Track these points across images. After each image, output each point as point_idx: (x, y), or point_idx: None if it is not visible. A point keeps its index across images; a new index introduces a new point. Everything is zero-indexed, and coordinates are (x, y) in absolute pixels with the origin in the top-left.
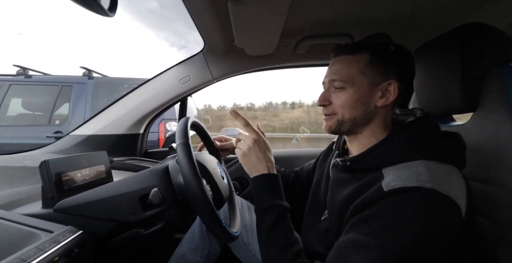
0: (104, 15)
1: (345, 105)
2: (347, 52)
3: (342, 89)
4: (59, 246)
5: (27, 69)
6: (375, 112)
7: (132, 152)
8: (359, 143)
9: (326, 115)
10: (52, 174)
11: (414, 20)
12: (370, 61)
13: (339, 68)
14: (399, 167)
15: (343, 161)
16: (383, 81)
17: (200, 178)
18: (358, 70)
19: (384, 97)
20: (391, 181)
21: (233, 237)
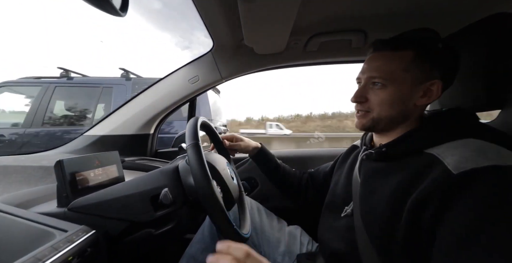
0: (116, 15)
1: (384, 103)
2: (390, 48)
3: (382, 87)
4: (73, 246)
5: (69, 71)
6: (412, 111)
7: (143, 152)
8: (388, 139)
9: (359, 112)
10: (67, 174)
11: (434, 12)
12: (414, 59)
13: (379, 65)
14: (451, 146)
15: (378, 148)
16: (427, 80)
17: (210, 180)
18: (401, 68)
19: (425, 96)
20: (457, 163)
21: (244, 238)
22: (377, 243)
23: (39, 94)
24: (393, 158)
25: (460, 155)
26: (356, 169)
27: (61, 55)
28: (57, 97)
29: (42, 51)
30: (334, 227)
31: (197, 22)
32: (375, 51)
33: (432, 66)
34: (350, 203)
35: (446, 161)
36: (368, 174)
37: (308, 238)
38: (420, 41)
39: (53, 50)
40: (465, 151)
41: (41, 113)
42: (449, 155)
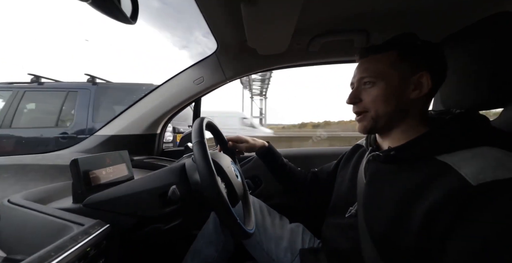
0: (127, 22)
1: (378, 99)
2: (374, 52)
3: (373, 85)
4: (90, 238)
5: (40, 77)
6: (409, 105)
7: (150, 151)
8: (392, 139)
9: (358, 115)
10: (81, 172)
11: (436, 11)
12: (398, 57)
13: (367, 66)
14: (467, 155)
15: (386, 151)
16: (415, 73)
17: (215, 175)
18: (388, 65)
19: (417, 89)
20: (476, 174)
21: (248, 234)
22: (379, 245)
23: (9, 98)
24: (402, 161)
25: (478, 166)
26: (361, 170)
27: (40, 57)
28: (25, 101)
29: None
30: (338, 226)
31: (195, 22)
32: (362, 57)
33: (416, 61)
34: (354, 204)
35: (462, 171)
36: (374, 175)
37: (310, 235)
38: (401, 42)
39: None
40: (483, 161)
41: (10, 116)
42: (466, 165)
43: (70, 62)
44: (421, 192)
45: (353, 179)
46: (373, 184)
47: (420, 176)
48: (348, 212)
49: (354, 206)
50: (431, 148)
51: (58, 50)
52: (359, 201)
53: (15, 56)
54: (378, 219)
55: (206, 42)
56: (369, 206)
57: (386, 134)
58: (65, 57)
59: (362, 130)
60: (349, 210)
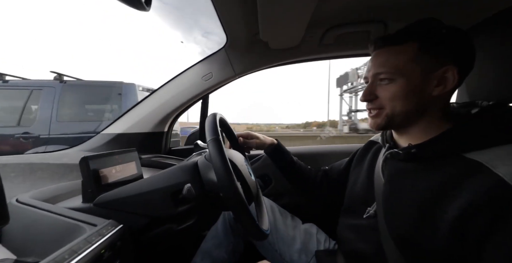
0: (141, 9)
1: (396, 97)
2: (392, 43)
3: (390, 81)
4: (104, 239)
5: (4, 74)
6: (430, 103)
7: (158, 150)
8: (411, 136)
9: (371, 111)
10: (91, 170)
11: (458, 1)
12: (419, 49)
13: (384, 60)
14: (502, 153)
15: (406, 149)
16: (439, 67)
17: (233, 175)
18: (408, 59)
19: (441, 85)
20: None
21: (265, 235)
22: (403, 248)
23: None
24: (424, 159)
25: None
26: (378, 168)
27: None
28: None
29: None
30: (355, 227)
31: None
32: (377, 48)
33: (441, 53)
34: (373, 204)
35: (499, 171)
36: (394, 174)
37: (324, 236)
38: (423, 31)
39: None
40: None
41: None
42: (502, 164)
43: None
44: (449, 192)
45: (370, 177)
46: (392, 183)
47: (446, 175)
48: (366, 213)
49: (372, 206)
50: (458, 145)
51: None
52: (378, 201)
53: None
54: (401, 221)
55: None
56: (389, 207)
57: (403, 131)
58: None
59: (375, 126)
60: (367, 210)
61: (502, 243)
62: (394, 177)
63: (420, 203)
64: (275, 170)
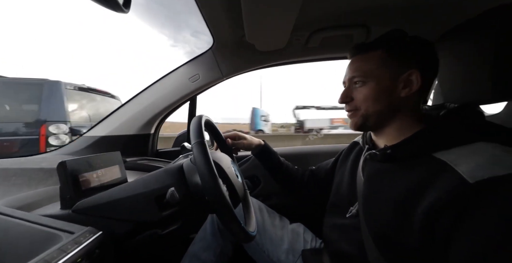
0: (119, 11)
1: (368, 98)
2: (363, 51)
3: (363, 84)
4: (81, 247)
5: None
6: (400, 103)
7: (144, 152)
8: (386, 137)
9: (349, 112)
10: (70, 175)
11: (436, 6)
12: (386, 55)
13: (357, 66)
14: (463, 152)
15: (382, 150)
16: (404, 71)
17: (217, 178)
18: (377, 64)
19: (407, 87)
20: (473, 171)
21: (251, 237)
22: (381, 246)
23: None
24: (399, 160)
25: (474, 163)
26: (359, 168)
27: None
28: None
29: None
30: (339, 227)
31: (183, 21)
32: (352, 56)
33: (405, 58)
34: (355, 204)
35: (459, 169)
36: (372, 174)
37: (311, 235)
38: (389, 40)
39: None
40: (479, 158)
41: None
42: (463, 163)
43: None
44: (420, 191)
45: (352, 178)
46: (371, 183)
47: (418, 175)
48: (349, 212)
49: (355, 206)
50: (427, 145)
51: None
52: (360, 201)
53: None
54: (378, 220)
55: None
56: (368, 206)
57: (379, 132)
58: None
59: (353, 126)
60: (350, 210)
61: (465, 239)
62: (373, 177)
63: (395, 202)
64: (264, 171)
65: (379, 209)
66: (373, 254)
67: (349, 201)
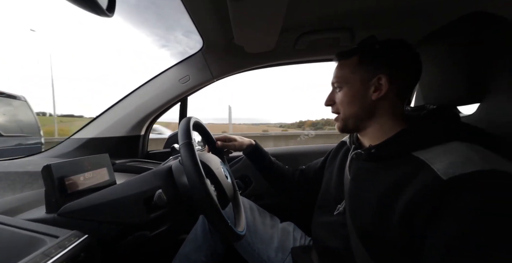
0: (103, 15)
1: (344, 102)
2: (342, 58)
3: (340, 89)
4: (65, 251)
5: None
6: (374, 106)
7: (134, 154)
8: (370, 137)
9: (334, 114)
10: (55, 179)
11: (416, 10)
12: (359, 62)
13: (336, 71)
14: (439, 151)
15: (367, 149)
16: (373, 76)
17: (204, 178)
18: (350, 71)
19: (377, 90)
20: (446, 168)
21: (239, 236)
22: (365, 242)
23: None
24: (383, 159)
25: (448, 161)
26: (346, 168)
27: None
28: None
29: None
30: (327, 224)
31: (174, 21)
32: (336, 62)
33: (375, 64)
34: (342, 202)
35: (435, 167)
36: (358, 173)
37: (301, 233)
38: (362, 47)
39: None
40: (453, 156)
41: None
42: (438, 161)
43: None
44: (400, 188)
45: (340, 176)
46: (356, 182)
47: (398, 173)
48: (336, 210)
49: (342, 203)
50: (407, 145)
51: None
52: (346, 199)
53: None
54: (363, 217)
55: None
56: (354, 204)
57: (363, 133)
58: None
59: (337, 129)
60: (337, 208)
61: (438, 231)
62: (358, 176)
63: (378, 200)
64: (255, 171)
65: (363, 206)
66: (358, 249)
67: (336, 199)
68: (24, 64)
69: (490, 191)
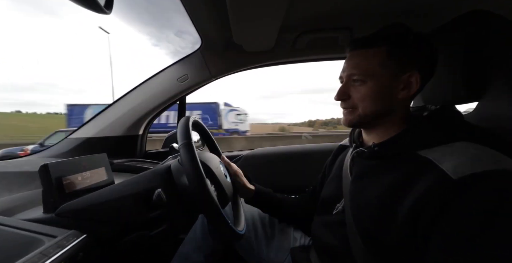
0: (101, 12)
1: (366, 98)
2: (364, 46)
3: (362, 83)
4: (64, 251)
5: None
6: (397, 105)
7: (132, 154)
8: (376, 135)
9: (345, 109)
10: (53, 178)
11: (415, 10)
12: (388, 53)
13: (357, 62)
14: (446, 151)
15: (370, 147)
16: (404, 73)
17: (204, 179)
18: (377, 63)
19: (406, 89)
20: (456, 168)
21: (239, 235)
22: (366, 241)
23: None
24: (386, 157)
25: (457, 160)
26: (346, 167)
27: None
28: None
29: None
30: (326, 223)
31: (167, 20)
32: (352, 50)
33: (407, 59)
34: (341, 200)
35: (443, 166)
36: (360, 171)
37: (300, 233)
38: (392, 36)
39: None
40: (461, 156)
41: None
42: (446, 161)
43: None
44: (404, 187)
45: (339, 175)
46: (358, 180)
47: (403, 172)
48: (335, 209)
49: (341, 202)
50: (412, 143)
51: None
52: (346, 198)
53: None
54: (364, 216)
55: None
56: (355, 203)
57: (371, 130)
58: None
59: (347, 123)
60: (336, 207)
61: (446, 230)
62: (360, 175)
63: (381, 198)
64: (255, 170)
65: (365, 205)
66: (358, 248)
67: (335, 198)
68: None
69: (502, 191)
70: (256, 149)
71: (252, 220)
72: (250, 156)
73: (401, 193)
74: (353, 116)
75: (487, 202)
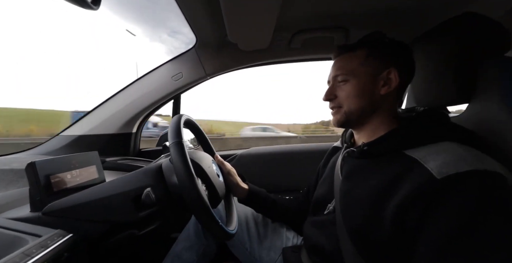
0: (87, 8)
1: (350, 95)
2: (346, 51)
3: (346, 82)
4: (47, 251)
5: None
6: (380, 101)
7: (125, 152)
8: (366, 133)
9: (333, 109)
10: (40, 176)
11: (409, 11)
12: (368, 55)
13: (341, 65)
14: (432, 151)
15: (359, 147)
16: (383, 70)
17: (194, 178)
18: (359, 63)
19: (386, 85)
20: (440, 167)
21: (230, 235)
22: (356, 240)
23: None
24: (374, 156)
25: (442, 160)
26: (338, 167)
27: None
28: None
29: None
30: (317, 223)
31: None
32: (336, 56)
33: (385, 58)
34: (332, 201)
35: (428, 166)
36: (350, 171)
37: (293, 233)
38: (370, 41)
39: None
40: (446, 156)
41: None
42: (431, 160)
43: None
44: (392, 185)
45: (331, 176)
46: (349, 180)
47: (390, 170)
48: (327, 209)
49: (332, 202)
50: (399, 143)
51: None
52: (336, 198)
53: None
54: (354, 215)
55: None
56: (345, 202)
57: (359, 130)
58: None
59: (336, 123)
60: (328, 207)
61: (431, 229)
62: (350, 174)
63: (370, 197)
64: (249, 169)
65: (355, 204)
66: (347, 247)
67: (326, 198)
68: None
69: (484, 191)
70: (251, 148)
71: (246, 220)
72: (244, 155)
73: (389, 191)
74: (340, 115)
75: (470, 201)
